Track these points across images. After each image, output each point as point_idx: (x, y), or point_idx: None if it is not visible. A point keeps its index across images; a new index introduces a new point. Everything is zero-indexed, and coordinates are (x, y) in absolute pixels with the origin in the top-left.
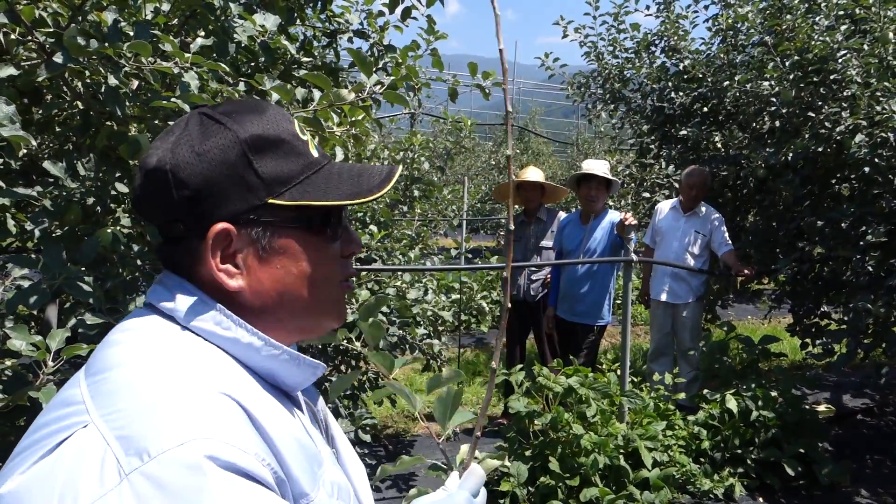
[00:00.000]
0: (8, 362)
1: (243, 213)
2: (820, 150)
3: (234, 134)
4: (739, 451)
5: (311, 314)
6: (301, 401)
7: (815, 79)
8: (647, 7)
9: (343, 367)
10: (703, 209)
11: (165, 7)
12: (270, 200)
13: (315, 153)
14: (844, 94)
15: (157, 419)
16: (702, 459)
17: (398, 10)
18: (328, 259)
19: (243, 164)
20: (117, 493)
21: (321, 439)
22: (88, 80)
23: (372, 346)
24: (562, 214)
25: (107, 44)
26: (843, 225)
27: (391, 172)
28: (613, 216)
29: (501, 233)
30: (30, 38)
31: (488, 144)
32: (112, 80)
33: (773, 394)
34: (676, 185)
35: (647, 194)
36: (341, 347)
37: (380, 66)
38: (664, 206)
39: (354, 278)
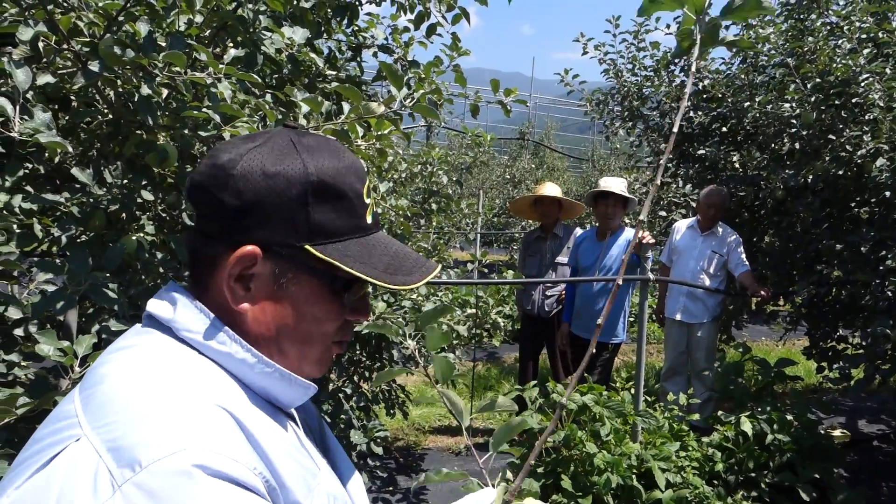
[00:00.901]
0: (23, 364)
1: (277, 246)
2: (840, 173)
3: (306, 171)
4: (754, 475)
5: (299, 359)
6: (295, 415)
7: (836, 101)
8: (668, 26)
9: (356, 379)
10: (721, 229)
11: (198, 19)
12: (307, 247)
13: (369, 220)
14: (866, 117)
15: (148, 429)
16: (715, 482)
17: (423, 27)
18: (333, 318)
19: (300, 204)
20: None
21: (316, 451)
22: (121, 89)
23: (431, 351)
24: (578, 231)
25: (142, 54)
26: (862, 249)
27: (428, 270)
28: (630, 234)
29: (515, 247)
30: (66, 46)
31: (503, 158)
32: (145, 90)
33: (789, 417)
34: (693, 204)
35: (663, 213)
36: (354, 359)
37: (404, 81)
38: (681, 225)
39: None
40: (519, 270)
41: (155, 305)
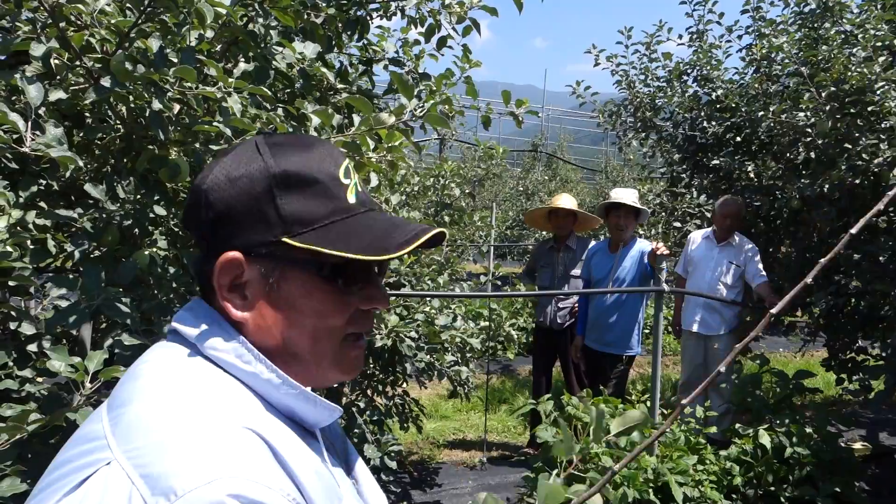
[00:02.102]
0: (36, 380)
1: (256, 247)
2: (857, 182)
3: (266, 167)
4: (773, 489)
5: (312, 361)
6: (319, 434)
7: (852, 110)
8: (680, 36)
9: (370, 392)
10: (738, 239)
11: (209, 34)
12: (285, 239)
13: (352, 199)
14: (882, 125)
15: (182, 457)
16: (734, 496)
17: (434, 39)
18: (336, 308)
19: (267, 198)
20: None
21: (340, 472)
22: (132, 105)
23: None
24: (592, 243)
25: (153, 69)
26: (880, 258)
27: (421, 233)
28: (643, 245)
29: (527, 258)
30: (78, 63)
31: (516, 170)
32: (156, 105)
33: (808, 430)
34: (708, 215)
35: (677, 224)
36: (368, 372)
37: (415, 93)
38: (697, 236)
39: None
40: (522, 278)
41: (180, 321)
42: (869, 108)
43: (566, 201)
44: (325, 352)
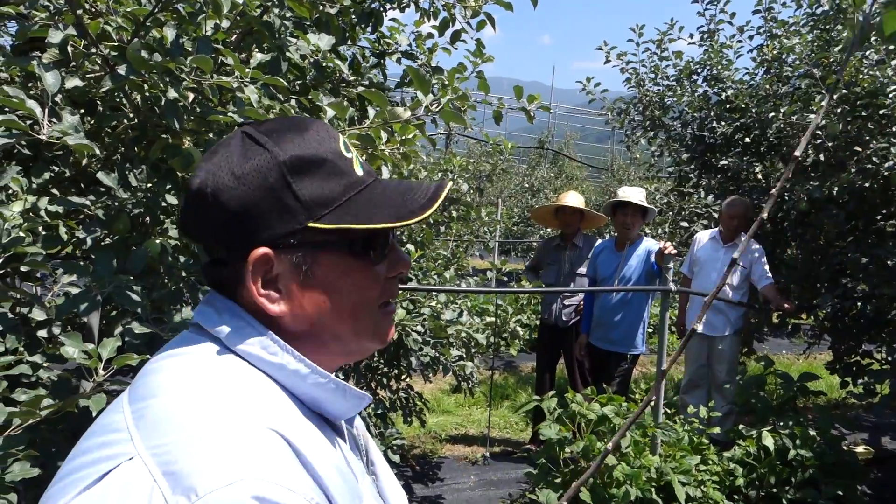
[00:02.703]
0: (46, 366)
1: (283, 238)
2: (866, 185)
3: (272, 156)
4: (775, 490)
5: (354, 338)
6: (344, 429)
7: (863, 113)
8: (691, 35)
9: (373, 385)
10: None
11: (225, 24)
12: (311, 224)
13: (359, 171)
14: (893, 129)
15: (205, 456)
16: (736, 497)
17: (448, 33)
18: (371, 282)
19: (282, 187)
20: None
21: (361, 469)
22: (147, 93)
23: None
24: (599, 241)
25: (169, 58)
26: (888, 262)
27: (438, 189)
28: (649, 244)
29: (531, 255)
30: (94, 50)
31: (522, 167)
32: (172, 94)
33: (812, 432)
34: (715, 215)
35: (684, 223)
36: (372, 365)
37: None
38: (703, 236)
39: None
40: (525, 274)
41: (202, 315)
42: (880, 112)
43: (573, 199)
44: (367, 326)
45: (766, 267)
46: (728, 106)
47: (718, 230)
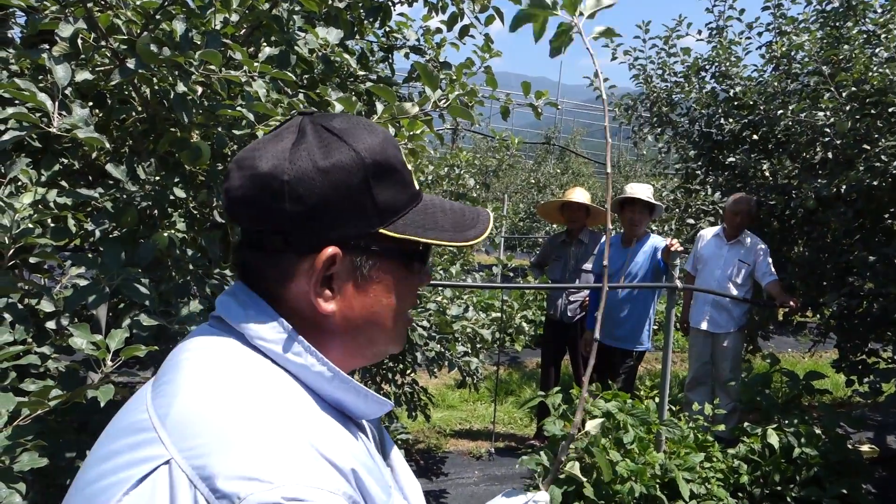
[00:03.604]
0: (54, 357)
1: (353, 239)
2: (875, 183)
3: (359, 156)
4: (779, 488)
5: (385, 342)
6: (365, 425)
7: (872, 111)
8: (699, 32)
9: (378, 380)
10: (748, 238)
11: (234, 18)
12: (381, 230)
13: (416, 185)
14: None
15: (240, 459)
16: (740, 494)
17: (456, 28)
18: (413, 292)
19: (363, 190)
20: None
21: (382, 463)
22: (156, 87)
23: None
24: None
25: (178, 52)
26: (895, 261)
27: (486, 219)
28: (656, 241)
29: (536, 251)
30: (104, 44)
31: (529, 163)
32: (180, 87)
33: (817, 431)
34: (722, 213)
35: (691, 221)
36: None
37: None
38: (707, 233)
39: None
40: (530, 269)
41: (225, 308)
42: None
43: (579, 195)
44: (399, 333)
45: (771, 264)
46: (736, 103)
47: (722, 227)
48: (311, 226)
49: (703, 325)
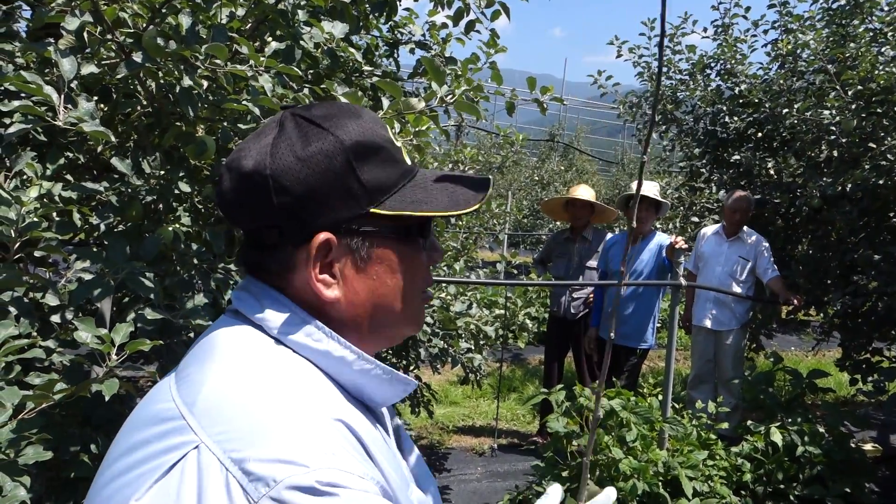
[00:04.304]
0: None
1: (345, 223)
2: (880, 182)
3: (338, 140)
4: (782, 487)
5: (399, 323)
6: (385, 416)
7: (878, 109)
8: (705, 29)
9: None
10: (748, 235)
11: (240, 12)
12: (372, 210)
13: (408, 160)
14: None
15: (276, 444)
16: (743, 492)
17: (462, 23)
18: (419, 269)
19: (347, 172)
20: None
21: (398, 454)
22: (162, 81)
23: None
24: (609, 235)
25: (184, 45)
26: None
27: (485, 183)
28: (661, 238)
29: (540, 248)
30: (110, 37)
31: (533, 160)
32: (186, 81)
33: (820, 429)
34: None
35: (695, 218)
36: (381, 355)
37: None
38: (707, 232)
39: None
40: (534, 266)
41: (241, 301)
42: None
43: (584, 192)
44: (413, 311)
45: (772, 260)
46: (741, 101)
47: (722, 225)
48: (300, 215)
49: (706, 323)
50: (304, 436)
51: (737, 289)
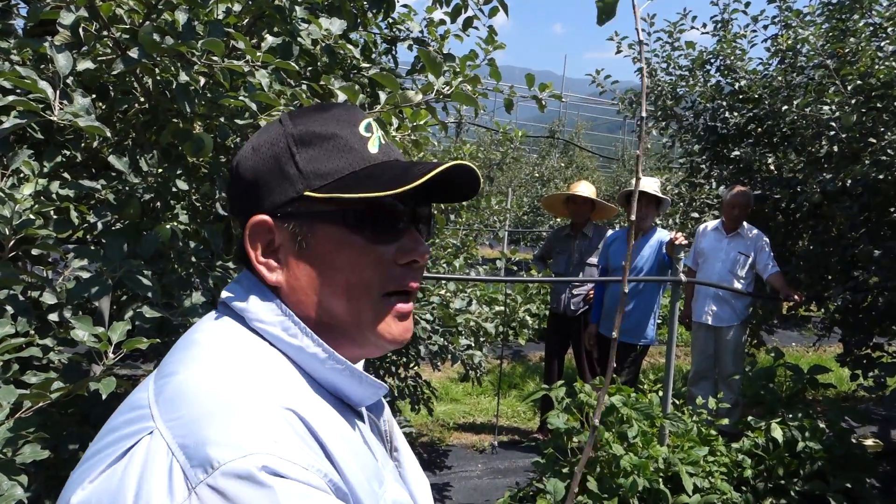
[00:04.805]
0: (57, 349)
1: (281, 206)
2: (881, 177)
3: (283, 128)
4: (783, 482)
5: (354, 324)
6: (364, 413)
7: (878, 104)
8: (704, 25)
9: (381, 373)
10: (748, 230)
11: (237, 8)
12: (307, 193)
13: (373, 150)
14: None
15: (219, 430)
16: (743, 488)
17: (460, 20)
18: (369, 262)
19: (286, 157)
20: None
21: (383, 454)
22: (159, 77)
23: None
24: (609, 232)
25: (180, 41)
26: None
27: (442, 164)
28: (662, 234)
29: (540, 245)
30: (106, 33)
31: (533, 157)
32: (183, 78)
33: (821, 425)
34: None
35: (695, 214)
36: None
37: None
38: (706, 227)
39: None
40: (534, 262)
41: (229, 293)
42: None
43: (584, 188)
44: (363, 311)
45: (772, 255)
46: (741, 96)
47: (720, 221)
48: (248, 200)
49: (705, 319)
50: (249, 422)
51: (737, 285)
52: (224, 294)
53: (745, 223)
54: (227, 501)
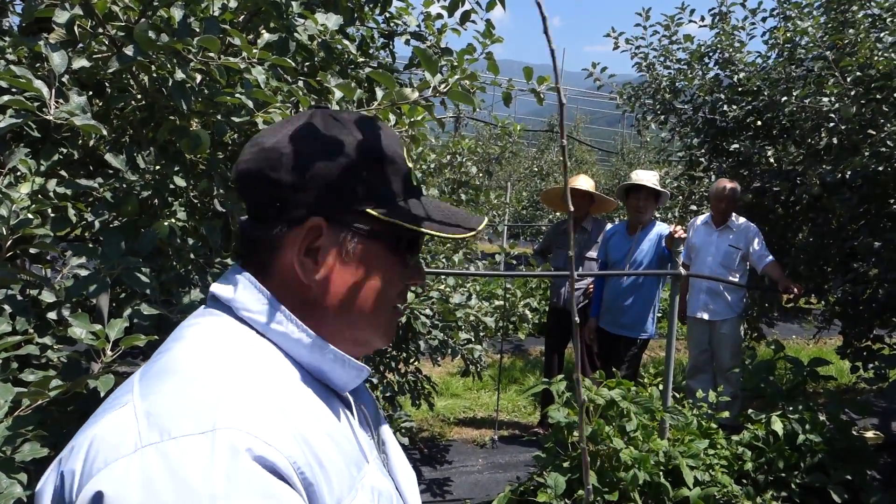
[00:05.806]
0: (56, 347)
1: (340, 214)
2: (880, 168)
3: (356, 139)
4: (784, 475)
5: (368, 328)
6: (351, 402)
7: (877, 96)
8: (702, 18)
9: (381, 368)
10: (738, 222)
11: (232, 4)
12: (369, 210)
13: (414, 181)
14: None
15: (185, 402)
16: (744, 481)
17: (457, 14)
18: (398, 280)
19: (356, 169)
20: (125, 463)
21: (368, 442)
22: (154, 74)
23: None
24: (609, 226)
25: (176, 38)
26: None
27: (479, 222)
28: (661, 228)
29: (540, 239)
30: (101, 31)
31: (532, 151)
32: (179, 75)
33: (821, 417)
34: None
35: (694, 207)
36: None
37: (438, 66)
38: (697, 222)
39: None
40: (534, 257)
41: (219, 287)
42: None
43: (583, 182)
44: (381, 320)
45: (764, 246)
46: (740, 89)
47: (710, 215)
48: (302, 197)
49: (700, 314)
50: (216, 398)
51: (731, 278)
52: (213, 287)
53: (734, 215)
54: (169, 470)
